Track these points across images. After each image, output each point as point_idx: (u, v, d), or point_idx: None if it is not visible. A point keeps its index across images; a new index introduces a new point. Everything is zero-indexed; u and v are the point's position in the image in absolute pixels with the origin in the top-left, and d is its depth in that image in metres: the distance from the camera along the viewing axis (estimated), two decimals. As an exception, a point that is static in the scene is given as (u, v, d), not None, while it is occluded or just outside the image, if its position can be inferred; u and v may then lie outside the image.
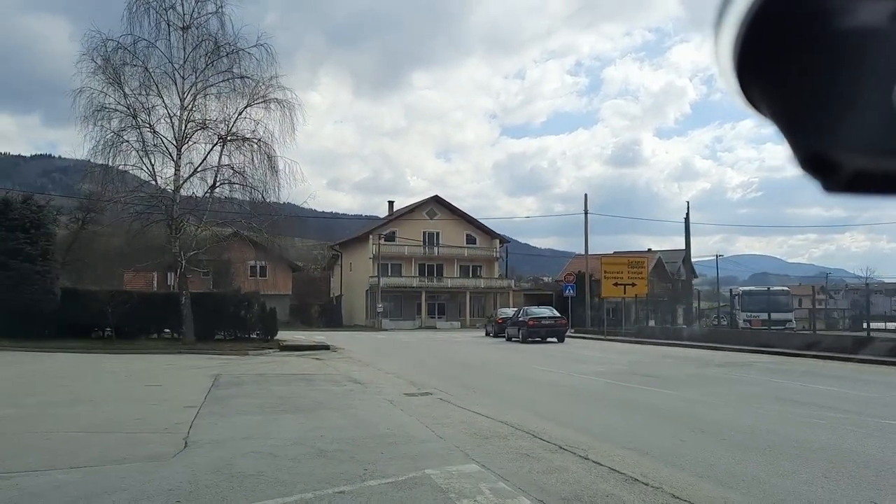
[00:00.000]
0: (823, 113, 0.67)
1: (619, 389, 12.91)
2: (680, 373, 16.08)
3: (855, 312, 51.36)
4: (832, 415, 9.26)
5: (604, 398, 11.60)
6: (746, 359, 19.78)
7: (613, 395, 12.17)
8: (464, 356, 23.13)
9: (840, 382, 13.51)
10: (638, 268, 33.99)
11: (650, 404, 10.84)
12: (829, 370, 16.27)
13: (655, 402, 11.18)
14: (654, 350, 24.66)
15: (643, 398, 11.59)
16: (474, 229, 66.21)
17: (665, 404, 10.85)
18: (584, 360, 19.91)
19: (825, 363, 18.19)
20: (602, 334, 32.08)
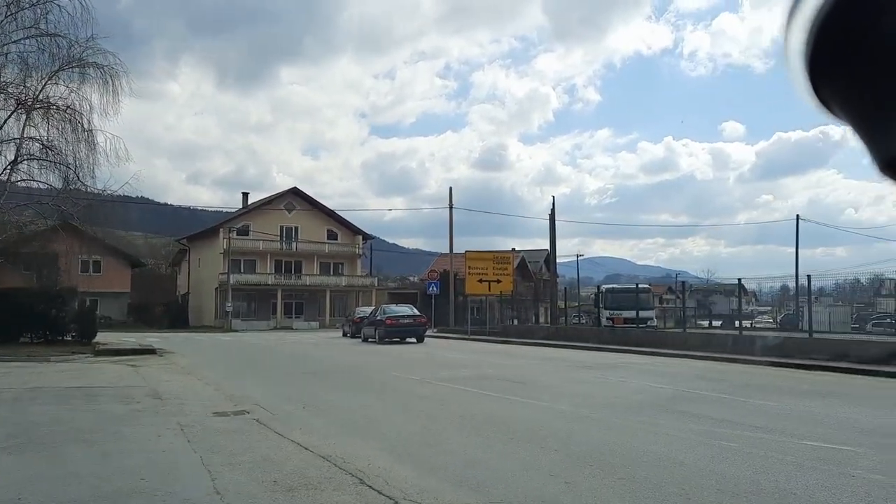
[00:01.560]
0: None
1: (486, 401, 10.74)
2: (552, 377, 14.23)
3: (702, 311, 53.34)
4: (743, 433, 7.47)
5: (466, 414, 9.36)
6: (617, 359, 18.39)
7: (478, 409, 9.96)
8: (310, 360, 20.37)
9: (722, 385, 12.08)
10: (503, 264, 32.50)
11: (526, 421, 8.71)
12: (704, 371, 14.99)
13: (531, 417, 9.06)
14: (520, 350, 22.99)
15: (515, 413, 9.47)
16: (336, 225, 63.08)
17: (544, 422, 8.75)
18: (446, 364, 17.77)
19: (696, 363, 17.06)
20: (465, 334, 30.29)
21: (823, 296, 36.13)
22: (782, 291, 61.75)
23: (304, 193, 62.79)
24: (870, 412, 9.22)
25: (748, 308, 60.88)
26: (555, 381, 13.49)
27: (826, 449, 6.64)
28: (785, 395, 10.84)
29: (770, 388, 11.80)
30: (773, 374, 14.39)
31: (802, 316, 39.88)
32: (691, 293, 57.51)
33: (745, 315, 53.03)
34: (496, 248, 35.22)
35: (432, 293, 36.50)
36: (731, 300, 50.68)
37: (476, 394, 11.43)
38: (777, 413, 9.08)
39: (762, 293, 65.45)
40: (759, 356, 16.50)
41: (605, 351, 21.13)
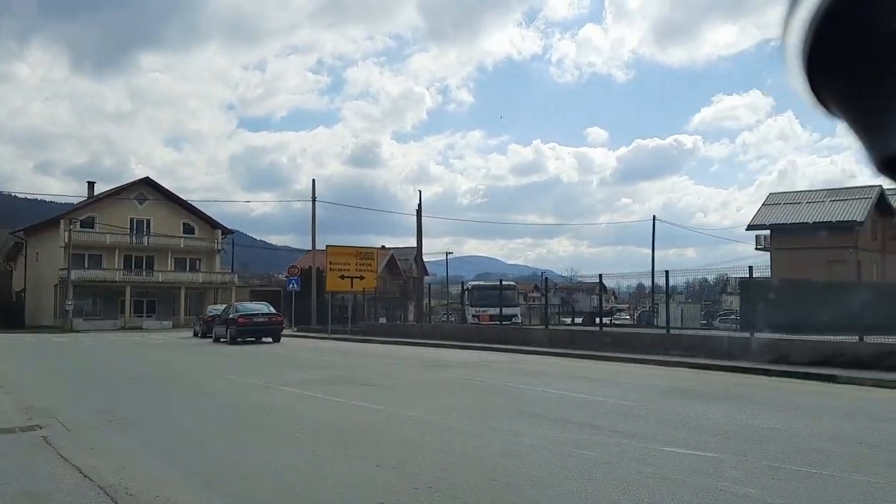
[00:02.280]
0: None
1: (329, 409, 9.59)
2: (408, 379, 13.27)
3: (565, 308, 54.70)
4: (605, 439, 6.77)
5: (304, 425, 8.17)
6: (480, 357, 17.74)
7: (318, 418, 8.80)
8: (144, 363, 18.36)
9: (586, 385, 11.57)
10: (367, 259, 31.29)
11: (370, 432, 7.63)
12: (567, 369, 14.56)
13: (376, 427, 8.00)
14: (382, 349, 21.93)
15: (360, 421, 8.38)
16: (193, 218, 59.37)
17: (389, 433, 7.71)
18: (298, 365, 16.41)
19: (558, 360, 16.69)
20: (326, 333, 28.86)
21: (675, 294, 37.77)
22: (638, 290, 64.72)
23: (157, 184, 58.62)
24: (727, 411, 8.87)
25: (608, 305, 63.04)
26: (411, 383, 12.53)
27: (691, 457, 6.02)
28: (646, 394, 10.42)
29: (631, 387, 11.40)
30: (634, 370, 14.15)
31: (657, 313, 41.45)
32: (556, 291, 59.04)
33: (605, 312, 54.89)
34: (368, 246, 33.97)
35: (293, 290, 34.78)
36: (593, 297, 52.36)
37: (320, 400, 10.24)
38: (639, 415, 8.54)
39: (621, 291, 68.27)
40: (621, 353, 16.35)
41: (469, 349, 20.50)
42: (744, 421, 7.91)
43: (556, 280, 74.52)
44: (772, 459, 5.90)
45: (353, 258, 30.53)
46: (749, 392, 10.60)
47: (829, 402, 9.50)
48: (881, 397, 9.88)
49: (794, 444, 6.58)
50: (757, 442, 6.72)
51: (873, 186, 52.28)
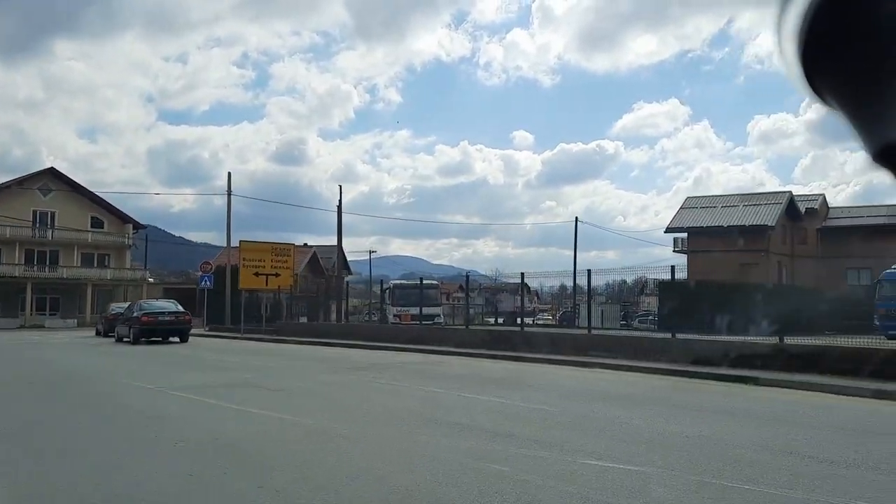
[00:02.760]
0: (894, 105, 0.65)
1: (220, 418, 8.64)
2: (315, 382, 12.37)
3: (489, 308, 54.55)
4: (522, 451, 6.11)
5: (186, 437, 7.21)
6: (397, 358, 16.96)
7: (205, 428, 7.85)
8: (29, 364, 16.77)
9: (504, 388, 10.96)
10: (283, 256, 29.98)
11: (258, 444, 6.75)
12: (486, 372, 13.96)
13: (267, 438, 7.12)
14: (294, 350, 20.87)
15: (251, 433, 7.47)
16: (102, 212, 56.29)
17: (282, 446, 6.85)
18: (200, 367, 15.24)
19: (479, 362, 16.10)
20: (239, 332, 27.49)
21: (596, 295, 38.02)
22: (561, 291, 65.28)
23: (63, 175, 55.31)
24: (651, 416, 8.40)
25: (531, 306, 63.32)
26: (318, 387, 11.64)
27: (615, 472, 5.43)
28: (567, 398, 9.87)
29: (551, 390, 10.86)
30: (555, 372, 13.66)
31: (579, 313, 41.61)
32: (480, 291, 58.90)
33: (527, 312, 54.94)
34: (286, 242, 32.60)
35: (205, 287, 33.18)
36: (516, 298, 52.30)
37: (213, 407, 9.26)
38: (559, 421, 7.94)
39: (544, 292, 68.74)
40: (541, 354, 15.87)
41: (387, 349, 19.69)
42: (669, 428, 7.42)
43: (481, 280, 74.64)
44: (701, 473, 5.37)
45: (269, 255, 29.20)
46: (672, 395, 10.20)
47: (753, 406, 9.17)
48: (805, 400, 9.61)
49: (722, 455, 6.08)
50: (684, 452, 6.20)
51: (784, 192, 54.28)
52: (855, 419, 8.24)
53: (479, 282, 74.84)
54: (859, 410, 8.84)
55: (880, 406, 9.17)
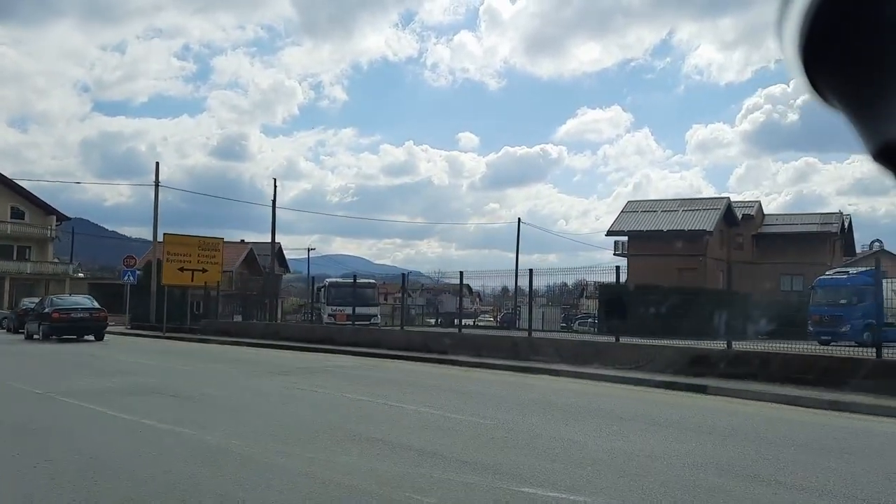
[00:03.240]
0: (894, 104, 0.65)
1: (108, 430, 7.48)
2: (232, 388, 11.22)
3: (430, 309, 53.71)
4: (450, 476, 5.17)
5: (47, 459, 6.04)
6: (326, 361, 15.87)
7: (86, 444, 6.69)
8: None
9: (436, 396, 10.04)
10: (211, 251, 28.37)
11: (137, 465, 5.65)
12: (419, 377, 13.02)
13: (150, 458, 6.02)
14: (218, 351, 19.52)
15: (135, 451, 6.35)
16: (23, 202, 53.18)
17: (164, 469, 5.76)
18: (105, 369, 13.85)
19: (413, 366, 15.16)
20: (161, 331, 25.85)
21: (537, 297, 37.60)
22: (503, 292, 64.89)
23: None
24: (596, 431, 7.61)
25: (472, 307, 62.68)
26: (232, 393, 10.49)
27: (543, 500, 4.56)
28: (504, 409, 8.99)
29: (487, 399, 9.98)
30: (493, 379, 12.82)
31: (520, 315, 41.10)
32: (422, 292, 58.05)
33: (469, 314, 54.30)
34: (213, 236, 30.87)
35: (128, 283, 31.33)
36: (457, 299, 51.62)
37: (102, 417, 8.05)
38: (495, 437, 7.05)
39: (486, 294, 68.21)
40: (480, 357, 15.02)
41: (318, 351, 18.55)
42: (618, 446, 6.60)
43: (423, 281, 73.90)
44: None
45: (195, 249, 27.57)
46: (617, 406, 9.43)
47: (708, 418, 8.45)
48: (761, 412, 8.96)
49: (677, 479, 5.28)
50: (634, 477, 5.38)
51: (722, 198, 55.08)
52: (817, 435, 7.59)
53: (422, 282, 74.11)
54: (819, 425, 8.23)
55: (838, 419, 8.58)
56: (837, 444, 7.20)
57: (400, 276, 32.09)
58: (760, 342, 15.34)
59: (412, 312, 49.21)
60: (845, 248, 56.53)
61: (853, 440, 7.45)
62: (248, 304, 42.98)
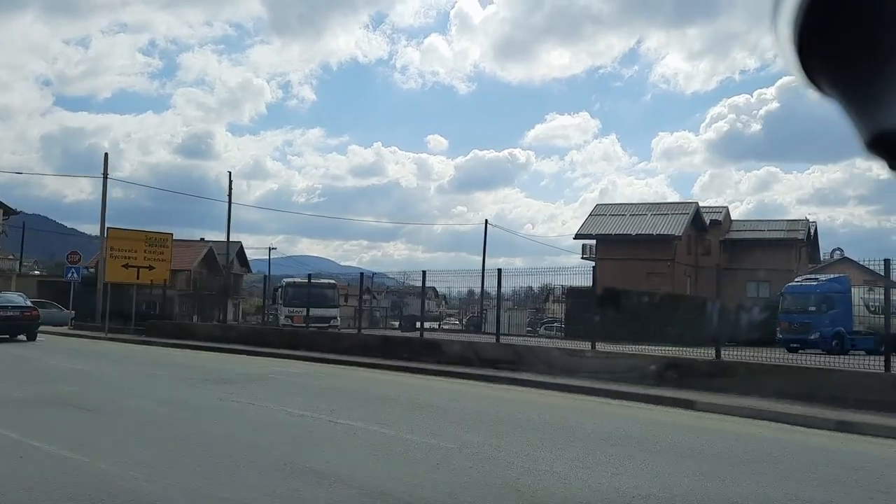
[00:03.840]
0: (888, 93, 0.65)
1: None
2: (158, 398, 9.78)
3: (394, 312, 52.40)
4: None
5: None
6: (276, 367, 14.47)
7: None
8: None
9: (392, 412, 8.76)
10: (159, 247, 26.58)
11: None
12: (376, 387, 11.72)
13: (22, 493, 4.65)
14: (158, 354, 17.95)
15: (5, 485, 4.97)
16: (-32, 194, 50.61)
17: None
18: (21, 375, 12.30)
19: (371, 374, 13.86)
20: (103, 332, 24.09)
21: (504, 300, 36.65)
22: (469, 295, 63.78)
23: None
24: (571, 457, 6.40)
25: (438, 310, 61.53)
26: (157, 406, 9.06)
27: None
28: (468, 427, 7.75)
29: (451, 414, 8.74)
30: (459, 389, 11.59)
31: (486, 318, 39.95)
32: (387, 294, 56.75)
33: (435, 317, 53.03)
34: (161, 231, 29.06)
35: (72, 280, 29.48)
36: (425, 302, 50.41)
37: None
38: (453, 469, 5.80)
39: (451, 296, 67.06)
40: (444, 365, 13.78)
41: (269, 355, 17.11)
42: (610, 484, 5.37)
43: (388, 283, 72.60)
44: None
45: (142, 244, 25.76)
46: (601, 425, 8.22)
47: (702, 441, 7.26)
48: (764, 434, 7.84)
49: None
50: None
51: (690, 203, 54.71)
52: (843, 464, 6.45)
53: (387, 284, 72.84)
54: (834, 451, 7.10)
55: (852, 443, 7.48)
56: (872, 476, 6.10)
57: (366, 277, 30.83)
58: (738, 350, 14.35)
59: (376, 315, 47.81)
60: (810, 255, 56.59)
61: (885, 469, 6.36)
62: (205, 304, 41.19)
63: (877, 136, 0.67)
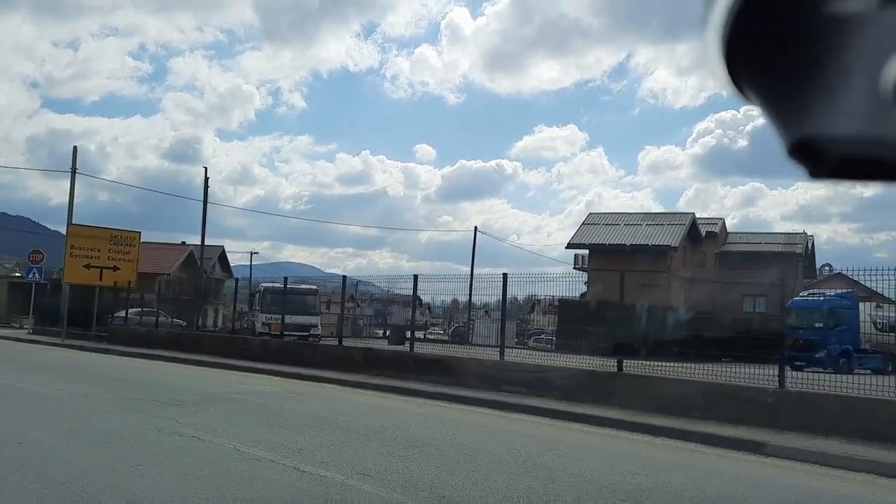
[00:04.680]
0: (810, 100, 0.67)
1: None
2: (77, 428, 7.75)
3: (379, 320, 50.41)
4: None
5: None
6: (241, 384, 12.44)
7: None
8: None
9: (373, 462, 6.77)
10: (125, 246, 24.26)
11: None
12: (356, 415, 9.72)
13: None
14: (113, 365, 15.82)
15: None
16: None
17: None
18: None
19: (352, 395, 11.86)
20: (60, 337, 21.87)
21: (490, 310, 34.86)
22: (453, 305, 61.79)
23: None
24: None
25: (423, 319, 59.52)
26: (72, 440, 7.01)
27: None
28: (482, 478, 5.78)
29: (460, 459, 6.77)
30: (464, 420, 9.62)
31: (474, 329, 37.96)
32: (371, 301, 54.76)
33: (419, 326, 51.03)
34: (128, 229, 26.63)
35: (33, 280, 27.25)
36: (408, 310, 48.52)
37: None
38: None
39: (435, 305, 65.12)
40: (441, 386, 11.81)
41: (236, 369, 15.07)
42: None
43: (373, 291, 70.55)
44: None
45: (106, 243, 23.46)
46: (662, 479, 6.24)
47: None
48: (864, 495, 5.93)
49: None
50: None
51: (686, 213, 53.18)
52: None
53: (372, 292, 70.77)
54: None
55: None
56: None
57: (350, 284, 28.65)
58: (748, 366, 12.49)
59: (360, 323, 45.85)
60: (806, 269, 55.23)
61: None
62: (183, 309, 38.94)
63: (798, 142, 0.67)
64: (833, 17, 0.62)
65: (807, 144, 0.68)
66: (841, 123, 0.65)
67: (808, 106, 0.66)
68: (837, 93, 0.64)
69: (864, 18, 0.62)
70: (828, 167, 0.69)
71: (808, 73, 0.65)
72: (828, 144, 0.67)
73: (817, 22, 0.63)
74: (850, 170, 0.69)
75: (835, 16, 0.62)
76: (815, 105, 0.66)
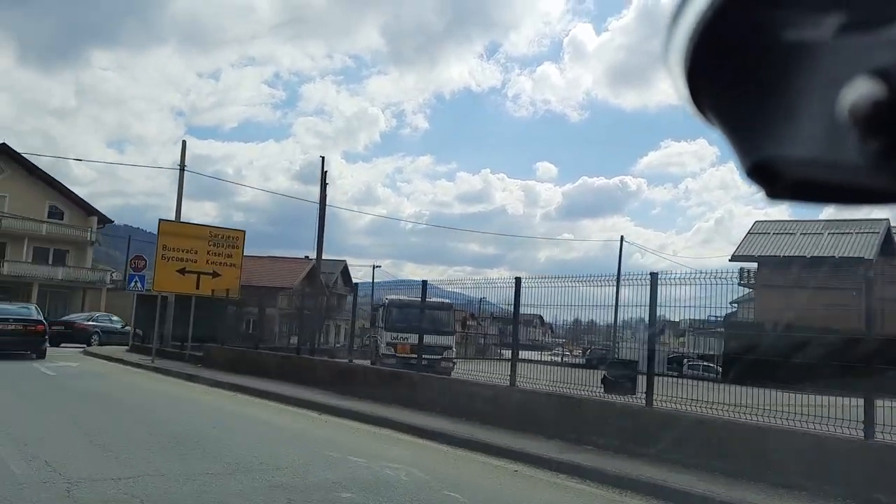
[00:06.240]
0: (768, 124, 0.69)
1: None
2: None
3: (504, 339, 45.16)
4: None
5: None
6: (359, 455, 7.69)
7: None
8: None
9: None
10: (227, 247, 20.13)
11: None
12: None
13: None
14: (184, 407, 11.60)
15: None
16: (64, 200, 47.62)
17: None
18: None
19: (511, 483, 6.79)
20: (150, 357, 18.16)
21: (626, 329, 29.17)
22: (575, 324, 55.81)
23: (18, 154, 46.24)
24: None
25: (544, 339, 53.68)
26: None
27: None
28: None
29: None
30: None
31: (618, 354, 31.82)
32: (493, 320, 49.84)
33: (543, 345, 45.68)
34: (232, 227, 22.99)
35: (135, 291, 24.08)
36: (529, 330, 43.93)
37: None
38: None
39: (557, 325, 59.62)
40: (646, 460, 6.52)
41: (356, 417, 10.40)
42: None
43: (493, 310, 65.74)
44: None
45: (204, 243, 19.40)
46: None
47: None
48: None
49: None
50: None
51: (880, 220, 44.65)
52: None
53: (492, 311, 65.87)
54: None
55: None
56: None
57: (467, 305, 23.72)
58: None
59: (482, 342, 40.81)
60: None
61: None
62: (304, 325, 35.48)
63: (755, 164, 0.69)
64: (791, 44, 0.64)
65: (765, 166, 0.69)
66: (798, 147, 0.66)
67: (766, 129, 0.68)
68: (795, 117, 0.66)
69: (821, 46, 0.63)
70: (785, 189, 0.70)
71: (766, 98, 0.67)
72: (785, 167, 0.69)
73: (776, 49, 0.64)
74: (806, 192, 0.71)
75: (793, 43, 0.64)
76: (774, 129, 0.67)
